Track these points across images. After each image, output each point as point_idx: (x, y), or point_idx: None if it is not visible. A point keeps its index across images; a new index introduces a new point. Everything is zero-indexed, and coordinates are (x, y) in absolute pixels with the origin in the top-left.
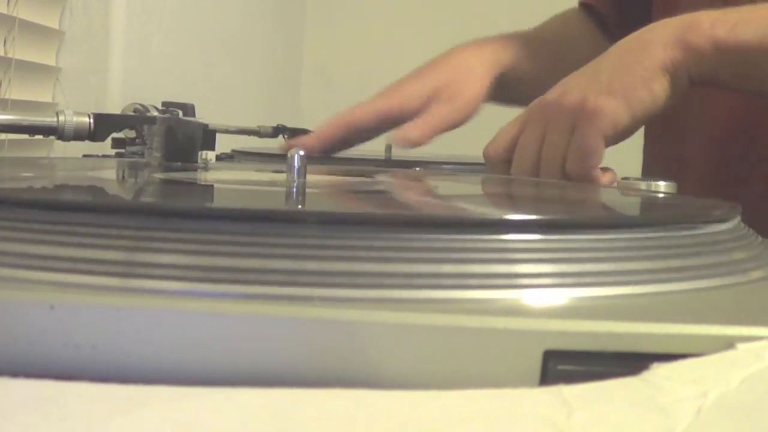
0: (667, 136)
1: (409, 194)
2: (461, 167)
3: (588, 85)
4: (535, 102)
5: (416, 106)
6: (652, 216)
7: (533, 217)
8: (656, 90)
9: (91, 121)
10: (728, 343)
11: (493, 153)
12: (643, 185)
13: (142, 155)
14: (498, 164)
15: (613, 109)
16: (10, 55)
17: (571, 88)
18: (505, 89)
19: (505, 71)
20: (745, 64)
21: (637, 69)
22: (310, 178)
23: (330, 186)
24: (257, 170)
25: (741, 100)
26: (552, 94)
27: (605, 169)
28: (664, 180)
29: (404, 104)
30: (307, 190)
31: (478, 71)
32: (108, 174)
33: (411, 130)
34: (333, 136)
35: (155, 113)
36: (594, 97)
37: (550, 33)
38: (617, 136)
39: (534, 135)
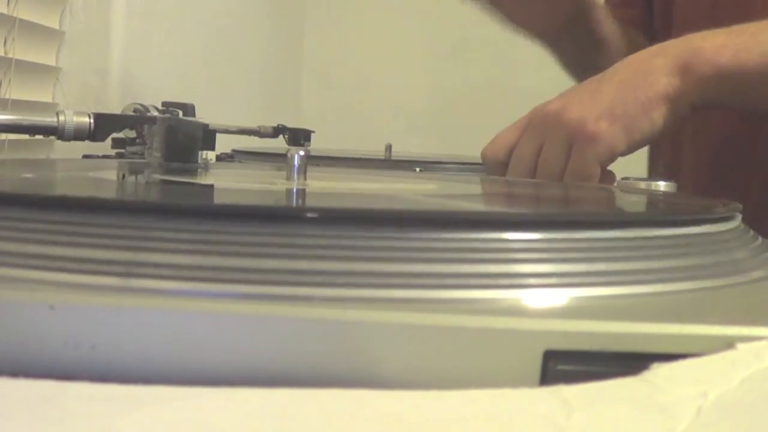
0: (667, 144)
1: (410, 195)
2: (461, 167)
3: (589, 104)
4: (536, 110)
5: None
6: (652, 216)
7: (533, 216)
8: (656, 118)
9: (92, 121)
10: (728, 343)
11: (490, 155)
12: (642, 185)
13: (142, 155)
14: (495, 166)
15: (612, 136)
16: (10, 55)
17: (571, 104)
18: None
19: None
20: (748, 90)
21: (640, 96)
22: (311, 180)
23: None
24: (257, 170)
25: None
26: (552, 105)
27: (606, 173)
28: (664, 180)
29: None
30: (307, 189)
31: None
32: (108, 174)
33: None
34: None
35: (155, 113)
36: (594, 120)
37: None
38: (613, 159)
39: (531, 144)
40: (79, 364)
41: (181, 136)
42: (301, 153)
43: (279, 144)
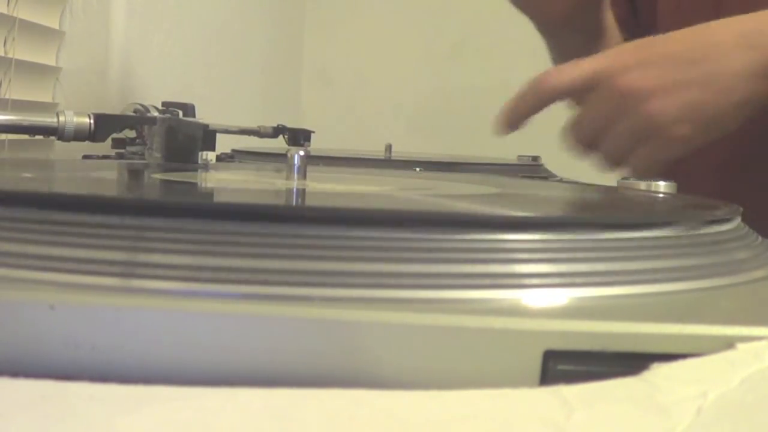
0: None
1: (409, 194)
2: (461, 167)
3: (673, 98)
4: (610, 74)
5: None
6: (652, 216)
7: (534, 217)
8: (731, 125)
9: (92, 121)
10: (728, 343)
11: (550, 83)
12: (643, 185)
13: (142, 155)
14: (543, 97)
15: (690, 140)
16: (10, 55)
17: (654, 89)
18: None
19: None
20: None
21: (722, 104)
22: (311, 181)
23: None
24: (257, 170)
25: None
26: (630, 79)
27: None
28: (664, 180)
29: None
30: (307, 189)
31: None
32: (108, 174)
33: None
34: None
35: (155, 113)
36: (674, 122)
37: None
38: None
39: (598, 117)
40: (79, 364)
41: (181, 137)
42: (301, 153)
43: (279, 144)
